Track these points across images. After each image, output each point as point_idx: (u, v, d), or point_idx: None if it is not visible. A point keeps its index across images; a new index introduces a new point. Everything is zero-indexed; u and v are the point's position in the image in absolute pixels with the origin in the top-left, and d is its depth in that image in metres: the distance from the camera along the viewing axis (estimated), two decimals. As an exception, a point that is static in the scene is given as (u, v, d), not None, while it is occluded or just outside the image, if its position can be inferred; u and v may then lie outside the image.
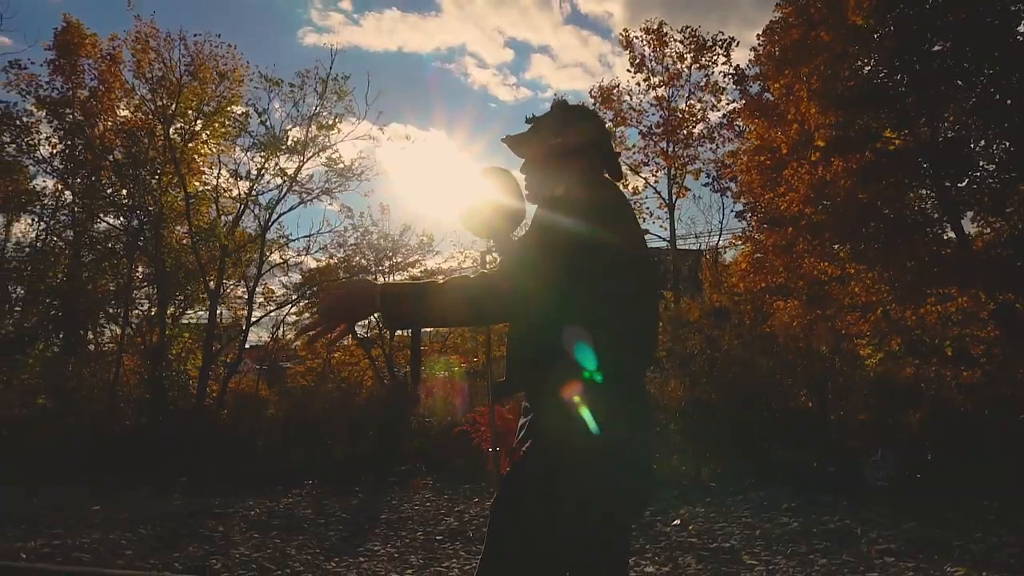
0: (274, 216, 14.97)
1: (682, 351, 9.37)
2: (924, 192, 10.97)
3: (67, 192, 16.06)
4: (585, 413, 1.80)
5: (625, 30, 20.50)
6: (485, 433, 5.25)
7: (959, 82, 10.30)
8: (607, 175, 2.14)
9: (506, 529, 1.81)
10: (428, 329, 18.45)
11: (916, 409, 7.62)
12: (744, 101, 15.45)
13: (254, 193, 14.94)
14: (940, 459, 7.03)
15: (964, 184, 10.86)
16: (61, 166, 15.92)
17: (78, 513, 6.50)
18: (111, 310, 16.19)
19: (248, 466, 9.19)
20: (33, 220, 16.46)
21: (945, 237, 10.85)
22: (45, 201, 16.39)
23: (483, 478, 7.20)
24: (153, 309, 15.51)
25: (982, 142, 10.50)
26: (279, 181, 14.81)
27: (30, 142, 15.88)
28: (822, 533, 5.23)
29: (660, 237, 20.59)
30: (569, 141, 2.08)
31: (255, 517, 6.33)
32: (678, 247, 20.95)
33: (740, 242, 13.05)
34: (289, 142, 14.71)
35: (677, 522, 5.73)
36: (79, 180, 15.89)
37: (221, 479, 8.56)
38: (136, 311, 16.08)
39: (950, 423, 7.49)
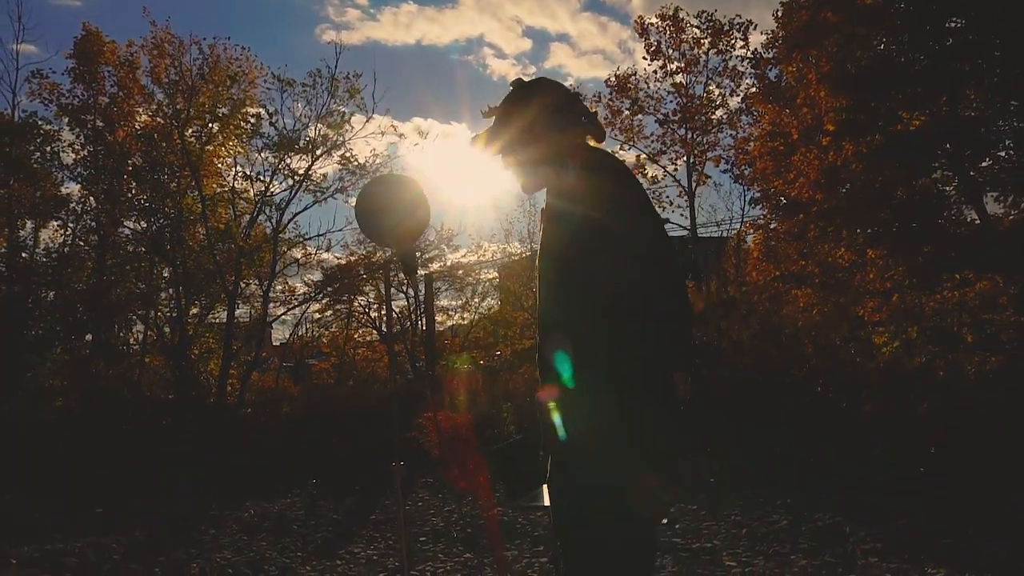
0: (287, 216, 15.15)
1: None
2: (942, 173, 10.59)
3: (91, 198, 16.43)
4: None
5: (640, 17, 20.16)
6: (434, 438, 5.22)
7: (979, 60, 9.90)
8: (592, 140, 2.08)
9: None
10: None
11: (923, 400, 7.37)
12: (760, 86, 15.12)
13: (269, 194, 15.13)
14: (948, 454, 6.79)
15: (987, 164, 10.49)
16: (84, 172, 16.31)
17: (81, 517, 6.67)
18: (138, 312, 16.58)
19: (256, 465, 9.33)
20: (60, 225, 16.88)
21: (969, 219, 10.49)
22: (71, 206, 16.79)
23: (477, 478, 7.17)
24: (175, 311, 15.81)
25: (1004, 120, 10.11)
26: (291, 181, 14.95)
27: (53, 149, 16.30)
28: (810, 532, 5.09)
29: (680, 226, 20.27)
30: (542, 119, 2.01)
31: (248, 519, 6.43)
32: (699, 235, 20.63)
33: (752, 230, 12.79)
34: (301, 142, 14.85)
35: (665, 520, 5.63)
36: (102, 185, 16.23)
37: (228, 479, 8.70)
38: (159, 312, 16.44)
39: (962, 415, 7.22)
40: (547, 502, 2.02)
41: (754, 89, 17.04)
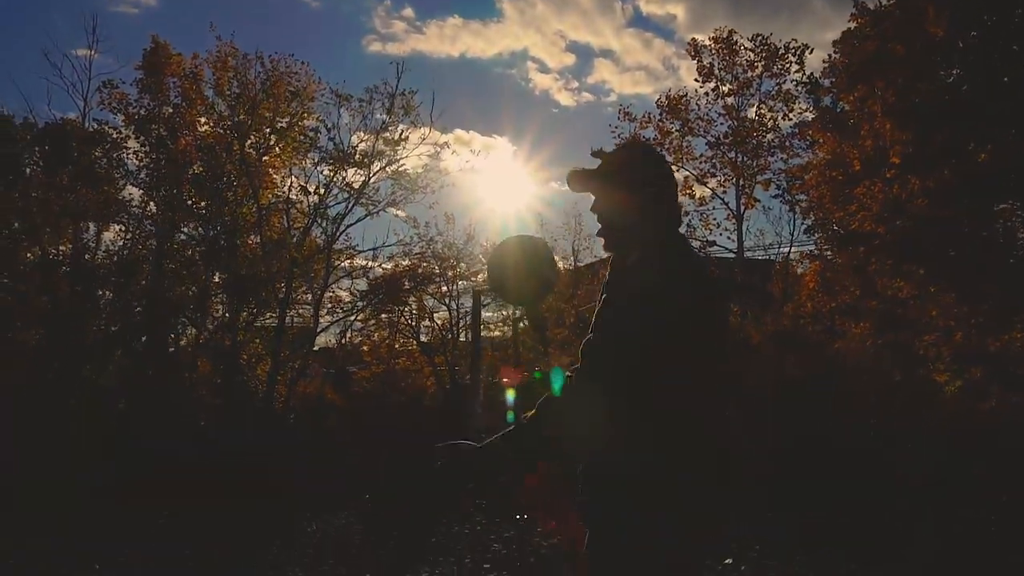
0: (341, 228, 15.42)
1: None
2: (1010, 204, 10.33)
3: (151, 203, 16.93)
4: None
5: (693, 39, 20.05)
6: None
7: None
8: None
9: None
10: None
11: (988, 455, 7.13)
12: (816, 112, 14.94)
13: (322, 207, 15.43)
14: (1018, 515, 6.54)
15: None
16: (146, 179, 16.82)
17: (143, 521, 6.84)
18: (190, 315, 16.99)
19: (311, 479, 9.47)
20: (121, 229, 17.40)
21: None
22: (132, 210, 17.28)
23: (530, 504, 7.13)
24: (226, 315, 16.16)
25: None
26: (345, 195, 15.23)
27: (119, 157, 16.85)
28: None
29: (727, 249, 20.06)
30: (658, 192, 1.99)
31: (312, 534, 6.54)
32: (747, 258, 20.38)
33: (808, 260, 12.62)
34: (356, 156, 15.13)
35: (729, 561, 5.54)
36: (162, 192, 16.70)
37: (283, 493, 8.85)
38: (211, 317, 16.82)
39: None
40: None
41: (809, 114, 16.86)
